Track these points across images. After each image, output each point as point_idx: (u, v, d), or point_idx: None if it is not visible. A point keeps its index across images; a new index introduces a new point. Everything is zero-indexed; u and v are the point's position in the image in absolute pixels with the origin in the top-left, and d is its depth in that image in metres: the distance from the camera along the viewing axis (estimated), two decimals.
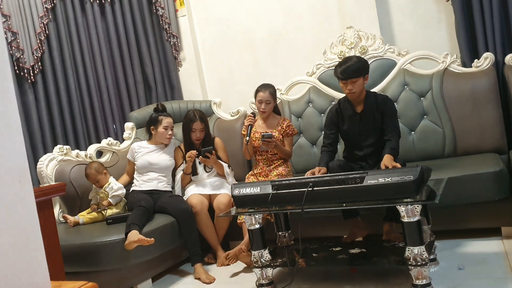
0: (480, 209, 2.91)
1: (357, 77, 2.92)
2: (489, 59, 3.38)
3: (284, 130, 3.48)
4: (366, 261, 2.61)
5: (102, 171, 3.47)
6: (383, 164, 2.75)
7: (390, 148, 2.88)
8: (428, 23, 3.92)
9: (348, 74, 2.91)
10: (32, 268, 1.07)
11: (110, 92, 4.61)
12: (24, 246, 1.05)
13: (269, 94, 3.45)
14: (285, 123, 3.51)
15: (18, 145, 1.01)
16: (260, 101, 3.46)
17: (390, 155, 2.81)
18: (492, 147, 3.30)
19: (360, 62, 2.97)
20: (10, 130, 0.99)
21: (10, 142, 0.99)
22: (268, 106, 3.47)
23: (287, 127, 3.49)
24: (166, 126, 3.65)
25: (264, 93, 3.45)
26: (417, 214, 2.18)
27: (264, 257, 2.64)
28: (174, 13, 4.77)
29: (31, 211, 1.06)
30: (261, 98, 3.46)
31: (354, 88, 2.94)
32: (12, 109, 0.99)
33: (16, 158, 1.01)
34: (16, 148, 1.01)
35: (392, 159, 2.79)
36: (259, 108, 3.49)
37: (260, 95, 3.46)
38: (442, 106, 3.43)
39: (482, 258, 2.66)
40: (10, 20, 3.97)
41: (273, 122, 3.54)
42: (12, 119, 1.00)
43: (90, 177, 3.44)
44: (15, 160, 1.01)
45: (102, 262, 2.91)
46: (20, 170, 1.02)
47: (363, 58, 3.07)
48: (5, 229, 1.01)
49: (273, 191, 2.49)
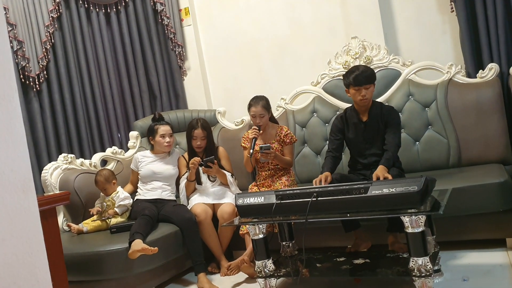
0: (485, 220, 2.89)
1: (371, 84, 2.97)
2: (494, 69, 3.38)
3: (283, 140, 3.47)
4: (370, 272, 2.60)
5: (112, 180, 3.47)
6: (375, 175, 2.73)
7: (385, 159, 2.89)
8: (432, 33, 3.93)
9: (363, 80, 2.95)
10: (35, 277, 1.07)
11: (115, 100, 4.64)
12: (27, 255, 1.05)
13: (261, 108, 3.42)
14: (283, 132, 3.49)
15: (22, 155, 1.02)
16: (254, 115, 3.43)
17: (383, 166, 2.81)
18: (496, 158, 3.28)
19: (370, 70, 3.04)
20: (14, 140, 1.00)
21: (14, 152, 1.00)
22: (263, 119, 3.44)
23: (285, 136, 3.47)
24: (162, 134, 3.65)
25: (256, 108, 3.42)
26: (421, 225, 2.16)
27: (268, 267, 2.63)
28: (179, 23, 4.80)
29: (34, 221, 1.06)
30: (254, 113, 3.43)
31: (367, 94, 2.96)
32: (17, 119, 1.00)
33: (20, 168, 1.01)
34: (20, 158, 1.01)
35: (386, 170, 2.78)
36: (254, 122, 3.47)
37: (253, 110, 3.43)
38: (446, 116, 3.43)
39: (487, 269, 2.65)
40: (16, 29, 4.00)
41: (272, 132, 3.53)
42: (17, 129, 1.00)
43: (99, 184, 3.45)
44: (19, 170, 1.01)
45: (105, 271, 2.91)
46: (24, 180, 1.02)
47: (370, 67, 3.10)
48: (9, 238, 1.01)
49: (277, 201, 2.49)
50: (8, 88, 0.99)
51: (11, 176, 1.00)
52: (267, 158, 3.36)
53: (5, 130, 0.97)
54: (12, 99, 0.99)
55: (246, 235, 3.24)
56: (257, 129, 3.38)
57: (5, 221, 0.99)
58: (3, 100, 0.97)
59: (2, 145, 0.97)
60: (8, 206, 1.00)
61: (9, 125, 0.98)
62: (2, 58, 0.98)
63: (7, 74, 0.99)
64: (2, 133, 0.97)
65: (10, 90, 0.99)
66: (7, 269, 0.99)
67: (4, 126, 0.97)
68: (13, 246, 1.01)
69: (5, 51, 0.99)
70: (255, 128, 3.39)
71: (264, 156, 3.31)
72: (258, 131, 3.39)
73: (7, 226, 1.00)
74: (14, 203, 1.01)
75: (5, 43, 0.99)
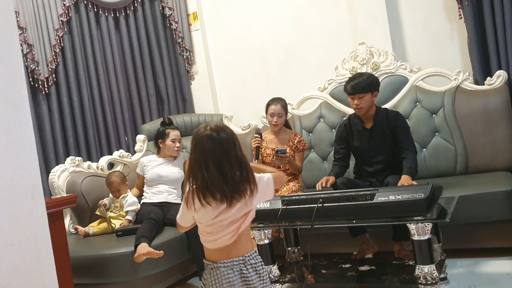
0: (492, 228, 2.88)
1: (365, 93, 2.94)
2: (502, 77, 3.36)
3: (296, 146, 3.48)
4: (375, 279, 2.59)
5: (125, 182, 3.54)
6: (400, 184, 2.72)
7: (407, 168, 2.85)
8: (440, 40, 3.92)
9: (356, 89, 2.94)
10: (41, 281, 1.08)
11: (123, 104, 4.66)
12: (35, 259, 1.07)
13: (280, 107, 3.45)
14: (296, 138, 3.50)
15: (31, 161, 1.03)
16: (272, 114, 3.46)
17: (408, 176, 2.79)
18: (504, 166, 3.27)
19: (370, 79, 2.99)
20: (24, 147, 1.01)
21: (24, 159, 1.01)
22: (280, 119, 3.46)
23: (298, 142, 3.48)
24: (173, 139, 3.68)
25: (276, 106, 3.45)
26: (428, 232, 2.16)
27: (273, 273, 2.63)
28: (187, 27, 4.82)
29: (43, 227, 1.07)
30: (273, 111, 3.45)
31: (361, 103, 2.95)
32: (27, 127, 1.01)
33: (30, 174, 1.03)
34: (29, 165, 1.02)
35: (410, 179, 2.76)
36: (271, 121, 3.49)
37: (272, 108, 3.46)
38: (454, 123, 3.41)
39: (494, 278, 2.63)
40: (26, 32, 4.03)
41: (285, 137, 3.54)
42: (27, 136, 1.01)
43: (114, 185, 3.47)
44: (28, 176, 1.02)
45: (111, 274, 2.92)
46: (33, 186, 1.03)
47: (374, 76, 3.08)
48: (17, 243, 1.02)
49: (283, 206, 2.49)
50: (19, 96, 1.00)
51: (20, 182, 1.01)
52: (282, 162, 3.35)
53: (16, 138, 0.98)
54: (23, 107, 1.00)
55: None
56: (259, 137, 3.38)
57: (14, 226, 1.01)
58: (14, 107, 0.98)
59: (12, 152, 0.98)
60: (17, 211, 1.01)
61: (19, 132, 0.99)
62: (13, 66, 1.00)
63: (18, 82, 1.01)
64: (13, 140, 0.98)
65: (21, 97, 1.00)
66: (15, 274, 1.01)
67: (15, 133, 0.98)
68: (21, 251, 1.02)
69: (16, 61, 1.00)
70: (256, 137, 3.38)
71: (279, 159, 3.30)
72: (260, 138, 3.39)
73: (16, 231, 1.01)
74: (23, 208, 1.03)
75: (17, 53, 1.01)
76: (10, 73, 0.98)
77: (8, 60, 0.98)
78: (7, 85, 0.97)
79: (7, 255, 0.98)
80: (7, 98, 0.96)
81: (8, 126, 0.97)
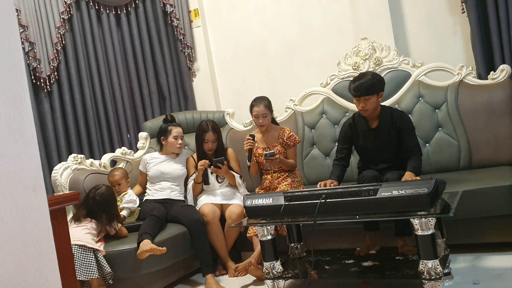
0: (496, 223, 2.86)
1: (371, 95, 2.87)
2: (506, 71, 3.34)
3: (286, 142, 3.46)
4: (379, 274, 2.59)
5: (127, 178, 3.59)
6: (404, 180, 2.71)
7: (411, 166, 2.84)
8: (443, 34, 3.90)
9: (361, 91, 2.86)
10: (44, 276, 1.07)
11: (125, 101, 4.66)
12: (37, 254, 1.06)
13: (264, 107, 3.42)
14: (285, 134, 3.47)
15: (32, 154, 1.02)
16: (256, 115, 3.43)
17: (411, 173, 2.77)
18: (507, 160, 3.25)
19: (374, 79, 2.91)
20: (25, 139, 1.00)
21: (25, 152, 1.00)
22: (265, 119, 3.44)
23: (288, 138, 3.46)
24: (176, 136, 3.68)
25: (259, 107, 3.42)
26: (431, 227, 2.15)
27: (276, 269, 2.62)
28: (189, 24, 4.81)
29: (44, 220, 1.06)
30: (257, 113, 3.43)
31: (367, 105, 2.89)
32: (27, 119, 1.01)
33: (31, 167, 1.02)
34: (30, 158, 1.02)
35: (414, 176, 2.75)
36: (257, 123, 3.47)
37: (255, 110, 3.43)
38: (457, 118, 3.40)
39: (498, 273, 2.62)
40: (28, 30, 4.03)
41: (274, 135, 3.51)
42: (27, 129, 1.01)
43: (115, 178, 3.50)
44: (30, 169, 1.02)
45: (114, 271, 2.92)
46: (34, 180, 1.03)
47: (378, 75, 3.02)
48: (19, 237, 1.01)
49: (286, 202, 2.48)
50: (19, 89, 1.00)
51: (21, 175, 1.01)
52: (272, 164, 3.35)
53: (16, 130, 0.98)
54: (23, 100, 1.00)
55: (254, 237, 3.23)
56: (251, 139, 3.37)
57: (16, 220, 1.00)
58: (15, 100, 0.98)
59: (13, 144, 0.98)
60: (18, 205, 1.01)
61: (20, 125, 0.99)
62: (14, 59, 0.99)
63: (19, 74, 1.00)
64: (13, 133, 0.98)
65: (22, 90, 1.00)
66: (17, 267, 1.00)
67: (15, 126, 0.98)
68: (23, 244, 1.02)
69: (17, 53, 1.00)
70: (249, 139, 3.37)
71: (269, 162, 3.30)
72: (253, 140, 3.38)
73: (17, 224, 1.00)
74: (25, 202, 1.02)
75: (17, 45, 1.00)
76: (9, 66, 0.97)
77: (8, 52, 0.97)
78: (7, 77, 0.97)
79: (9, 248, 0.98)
80: (7, 90, 0.96)
81: (9, 119, 0.97)
